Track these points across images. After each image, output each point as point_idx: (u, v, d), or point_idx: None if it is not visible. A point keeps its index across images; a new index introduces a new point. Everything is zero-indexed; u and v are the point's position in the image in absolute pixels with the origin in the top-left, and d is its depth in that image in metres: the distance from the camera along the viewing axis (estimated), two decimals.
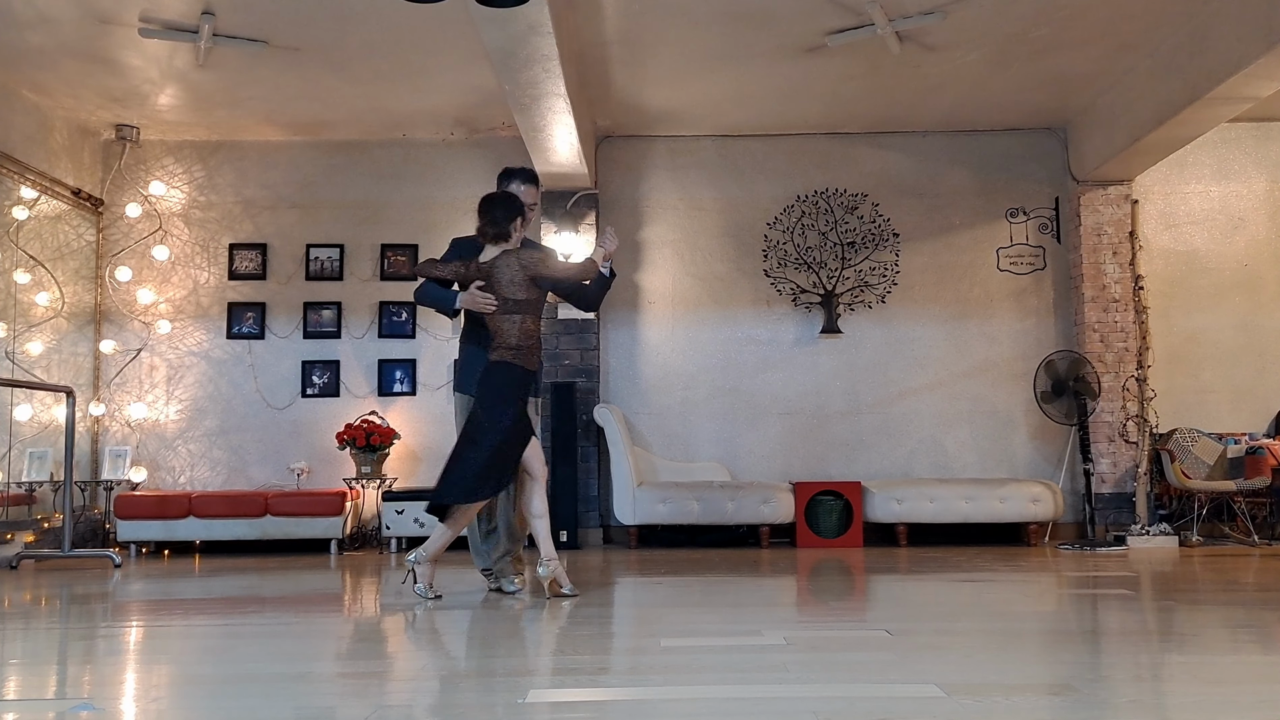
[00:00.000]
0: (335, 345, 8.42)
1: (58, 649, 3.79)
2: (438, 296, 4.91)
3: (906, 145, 8.58)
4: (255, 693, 2.88)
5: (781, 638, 3.61)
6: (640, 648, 3.64)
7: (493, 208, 4.78)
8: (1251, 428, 8.18)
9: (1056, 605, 4.80)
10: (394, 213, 8.55)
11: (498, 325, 4.71)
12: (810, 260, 8.46)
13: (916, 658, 3.29)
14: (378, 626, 4.40)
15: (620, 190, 8.58)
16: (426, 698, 2.84)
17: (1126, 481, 8.05)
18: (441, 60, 7.07)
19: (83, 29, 6.50)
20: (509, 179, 5.09)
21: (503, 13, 5.15)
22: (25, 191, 7.54)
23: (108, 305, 8.33)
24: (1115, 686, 2.88)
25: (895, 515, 7.71)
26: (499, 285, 4.69)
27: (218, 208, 8.53)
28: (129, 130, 8.24)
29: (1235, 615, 4.24)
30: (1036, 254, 8.50)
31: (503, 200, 4.82)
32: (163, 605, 5.00)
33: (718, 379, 8.45)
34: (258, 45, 6.71)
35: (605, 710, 2.65)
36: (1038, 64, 7.24)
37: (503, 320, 4.69)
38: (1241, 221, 8.45)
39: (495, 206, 4.78)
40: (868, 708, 2.58)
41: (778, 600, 5.03)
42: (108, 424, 8.28)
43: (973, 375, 8.40)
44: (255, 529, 7.66)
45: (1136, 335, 8.18)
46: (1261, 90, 6.36)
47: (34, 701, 2.82)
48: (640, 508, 7.71)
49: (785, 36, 6.74)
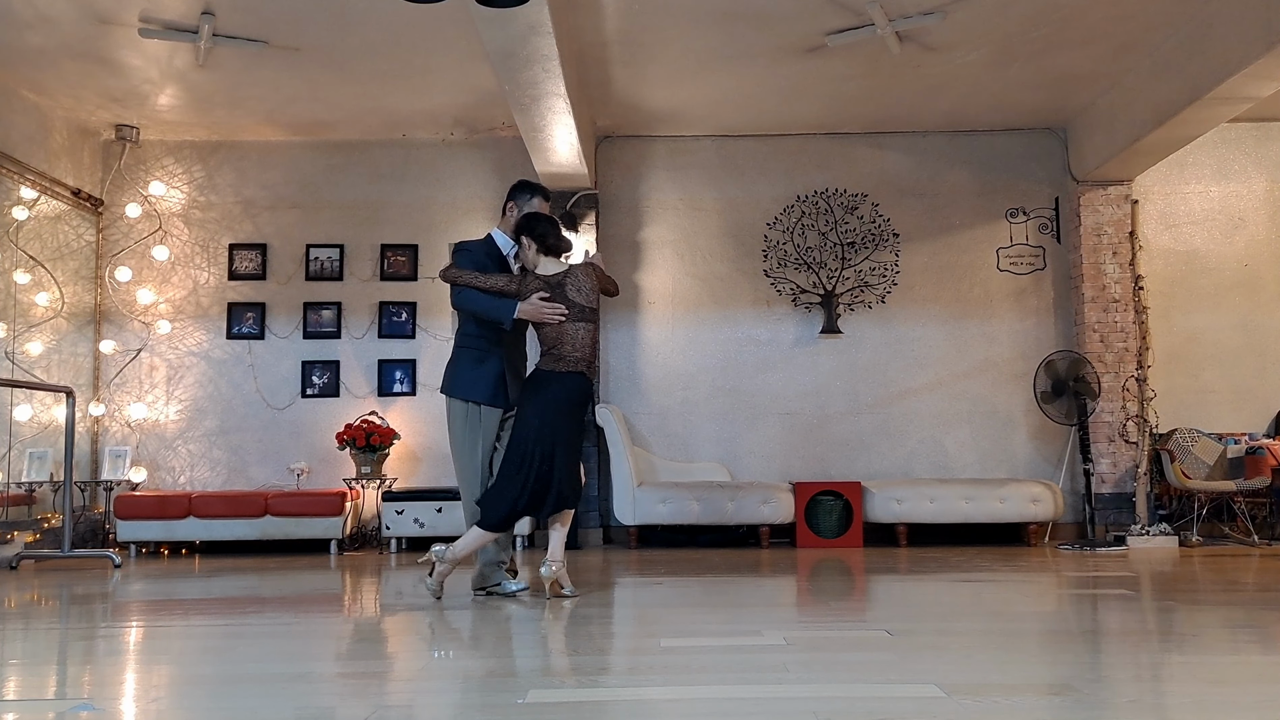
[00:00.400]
0: (335, 345, 8.42)
1: (58, 649, 3.79)
2: (492, 304, 4.82)
3: (906, 145, 8.58)
4: (255, 693, 2.88)
5: (781, 638, 3.61)
6: (640, 648, 3.64)
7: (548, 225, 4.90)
8: (1251, 428, 8.18)
9: (1056, 605, 4.79)
10: (394, 213, 8.55)
11: (562, 334, 4.76)
12: (810, 260, 8.46)
13: (916, 658, 3.29)
14: (378, 626, 4.40)
15: (620, 190, 8.58)
16: (426, 698, 2.84)
17: (1126, 481, 8.05)
18: (441, 60, 7.07)
19: (82, 29, 6.50)
20: (532, 193, 5.09)
21: (503, 13, 5.15)
22: (25, 192, 7.54)
23: (108, 305, 8.33)
24: (1115, 686, 2.88)
25: (895, 515, 7.71)
26: (573, 294, 4.77)
27: (217, 208, 8.53)
28: (129, 130, 8.24)
29: (1235, 615, 4.24)
30: (1036, 254, 8.50)
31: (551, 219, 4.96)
32: (163, 605, 5.00)
33: (718, 379, 8.45)
34: (257, 45, 6.71)
35: (605, 710, 2.65)
36: (1038, 64, 7.24)
37: (572, 329, 4.76)
38: (1241, 221, 8.45)
39: (550, 224, 4.91)
40: (868, 708, 2.58)
41: (778, 600, 5.03)
42: (108, 424, 8.28)
43: (973, 375, 8.40)
44: (255, 529, 7.66)
45: (1136, 335, 8.18)
46: (1261, 90, 6.36)
47: (34, 701, 2.82)
48: (640, 508, 7.71)
49: (785, 36, 6.74)
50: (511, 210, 5.11)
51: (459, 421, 4.92)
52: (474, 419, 4.90)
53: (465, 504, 4.97)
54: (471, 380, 4.90)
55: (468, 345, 4.96)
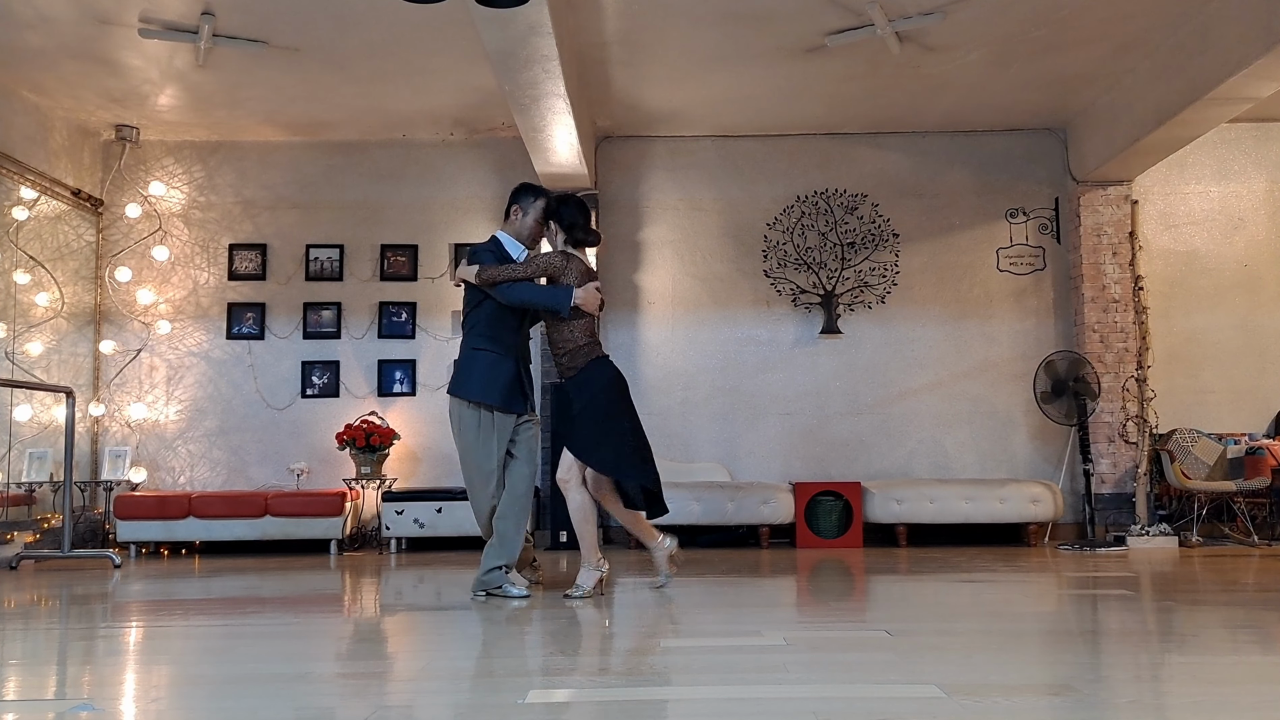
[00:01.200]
0: (335, 345, 8.42)
1: (58, 649, 3.79)
2: (550, 294, 4.78)
3: (906, 145, 8.58)
4: (255, 693, 2.88)
5: (781, 638, 3.61)
6: (640, 648, 3.64)
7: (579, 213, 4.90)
8: (1251, 428, 8.18)
9: (1056, 605, 4.79)
10: (394, 213, 8.55)
11: (591, 322, 4.81)
12: (810, 261, 8.46)
13: (916, 658, 3.29)
14: (378, 627, 4.40)
15: (620, 190, 8.58)
16: (426, 698, 2.84)
17: (1126, 482, 8.05)
18: (441, 60, 7.07)
19: (82, 29, 6.50)
20: (537, 195, 5.05)
21: (503, 13, 5.15)
22: (25, 192, 7.54)
23: (107, 305, 8.33)
24: (1115, 686, 2.88)
25: (895, 516, 7.71)
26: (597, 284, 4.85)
27: (217, 208, 8.53)
28: (129, 130, 8.24)
29: (1235, 615, 4.24)
30: (1036, 254, 8.50)
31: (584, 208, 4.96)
32: (163, 605, 5.00)
33: (718, 379, 8.45)
34: (257, 45, 6.71)
35: (605, 710, 2.65)
36: (1038, 64, 7.24)
37: (591, 321, 4.82)
38: (1241, 222, 8.45)
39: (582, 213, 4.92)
40: (868, 708, 2.58)
41: (778, 600, 5.03)
42: (107, 424, 8.28)
43: (972, 375, 8.40)
44: (255, 529, 7.66)
45: (1136, 335, 8.18)
46: (1261, 90, 6.36)
47: (34, 701, 2.82)
48: None
49: (785, 37, 6.74)
50: (517, 214, 5.04)
51: (470, 424, 4.84)
52: (486, 423, 4.83)
53: (478, 508, 4.89)
54: (486, 383, 4.83)
55: (483, 348, 4.87)
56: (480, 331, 4.89)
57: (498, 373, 4.83)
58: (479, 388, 4.83)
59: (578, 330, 4.76)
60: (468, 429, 4.85)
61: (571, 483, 4.84)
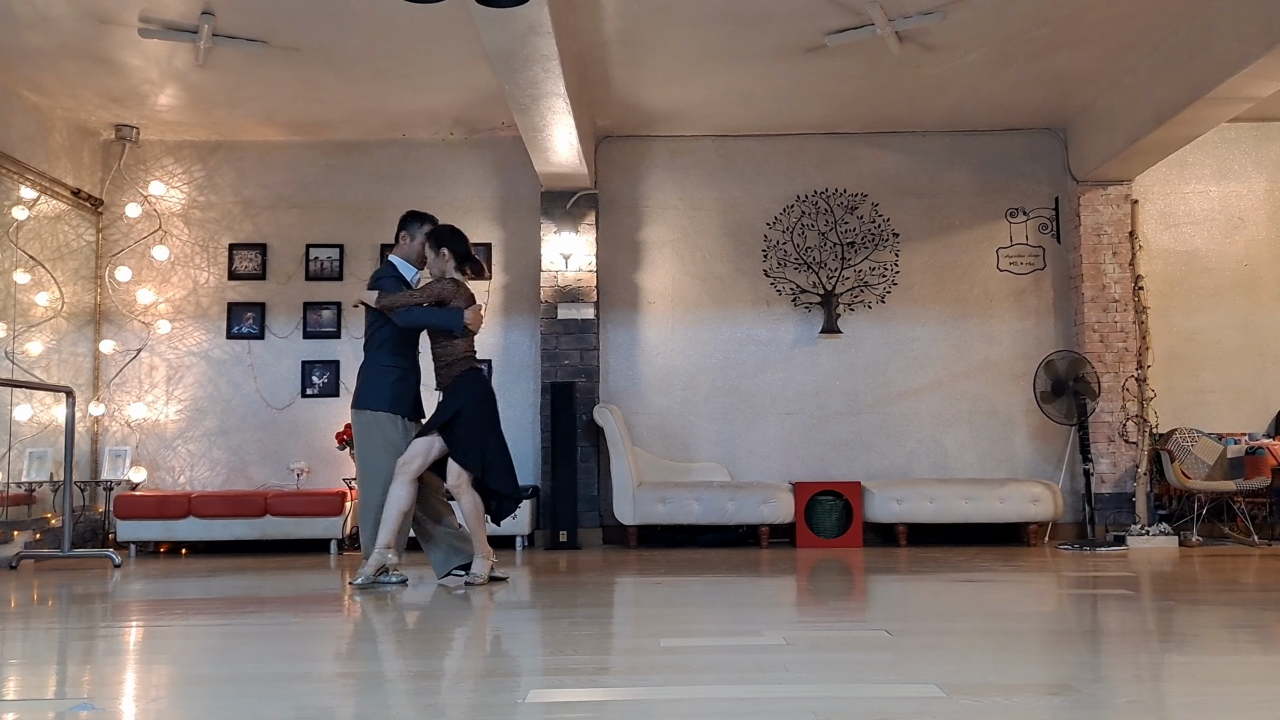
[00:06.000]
0: (335, 345, 8.42)
1: (58, 649, 3.79)
2: (443, 316, 5.27)
3: (906, 145, 8.58)
4: (255, 693, 2.88)
5: (781, 638, 3.61)
6: (640, 648, 3.64)
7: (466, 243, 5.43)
8: (1251, 428, 8.18)
9: (1056, 605, 4.80)
10: (394, 213, 8.42)
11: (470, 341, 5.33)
12: (810, 260, 8.46)
13: (916, 658, 3.29)
14: (377, 626, 4.40)
15: (620, 190, 8.58)
16: (426, 698, 2.84)
17: (1126, 481, 8.05)
18: (441, 60, 7.07)
19: (82, 29, 6.50)
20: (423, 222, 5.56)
21: (503, 13, 5.16)
22: (25, 191, 7.54)
23: (107, 305, 8.33)
24: (1115, 686, 2.88)
25: (895, 515, 7.71)
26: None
27: (217, 208, 8.53)
28: (129, 130, 8.24)
29: (1235, 615, 4.24)
30: (1036, 254, 8.50)
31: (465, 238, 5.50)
32: (163, 605, 5.00)
33: (717, 379, 8.45)
34: (257, 45, 6.71)
35: (605, 710, 2.65)
36: (1038, 64, 7.24)
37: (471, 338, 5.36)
38: (1241, 221, 8.45)
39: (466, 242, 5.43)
40: (868, 708, 2.58)
41: (777, 600, 5.03)
42: (107, 424, 8.28)
43: (972, 375, 8.40)
44: (255, 529, 7.66)
45: (1136, 335, 8.18)
46: (1261, 90, 6.36)
47: (34, 701, 2.82)
48: (640, 508, 7.71)
49: (785, 36, 6.74)
50: (405, 239, 5.64)
51: (385, 432, 5.30)
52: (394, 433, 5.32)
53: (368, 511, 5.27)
54: (396, 396, 5.35)
55: (390, 365, 5.38)
56: (388, 349, 5.42)
57: (405, 387, 5.39)
58: (390, 401, 5.33)
59: (459, 346, 5.28)
60: (375, 439, 5.30)
61: (463, 486, 5.23)
